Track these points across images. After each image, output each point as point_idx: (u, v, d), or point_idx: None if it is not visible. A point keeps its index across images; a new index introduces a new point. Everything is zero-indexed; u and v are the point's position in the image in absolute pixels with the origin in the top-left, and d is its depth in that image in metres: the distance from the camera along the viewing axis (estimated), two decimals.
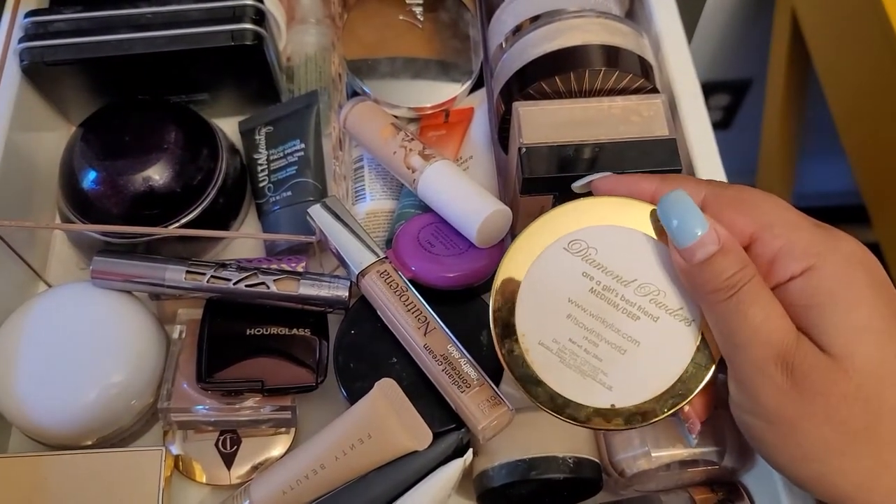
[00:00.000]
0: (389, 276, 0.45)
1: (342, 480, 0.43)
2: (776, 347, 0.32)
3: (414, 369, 0.45)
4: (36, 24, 0.51)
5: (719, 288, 0.33)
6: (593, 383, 0.36)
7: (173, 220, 0.50)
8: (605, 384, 0.36)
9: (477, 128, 0.56)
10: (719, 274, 0.33)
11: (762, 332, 0.32)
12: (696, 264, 0.33)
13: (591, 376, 0.36)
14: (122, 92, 0.54)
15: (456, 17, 0.58)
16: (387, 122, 0.52)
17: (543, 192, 0.48)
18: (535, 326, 0.37)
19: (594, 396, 0.36)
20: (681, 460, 0.42)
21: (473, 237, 0.47)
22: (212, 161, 0.52)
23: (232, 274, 0.46)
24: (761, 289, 0.33)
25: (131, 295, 0.49)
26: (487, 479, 0.43)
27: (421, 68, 0.56)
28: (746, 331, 0.32)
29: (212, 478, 0.48)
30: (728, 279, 0.33)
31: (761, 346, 0.32)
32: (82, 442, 0.47)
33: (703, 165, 0.49)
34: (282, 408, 0.47)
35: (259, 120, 0.56)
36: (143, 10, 0.52)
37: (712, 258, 0.33)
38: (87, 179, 0.50)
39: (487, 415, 0.41)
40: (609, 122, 0.49)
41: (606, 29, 0.50)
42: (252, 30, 0.51)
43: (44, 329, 0.47)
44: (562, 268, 0.37)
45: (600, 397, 0.36)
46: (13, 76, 0.51)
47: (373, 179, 0.54)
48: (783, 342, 0.32)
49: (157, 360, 0.48)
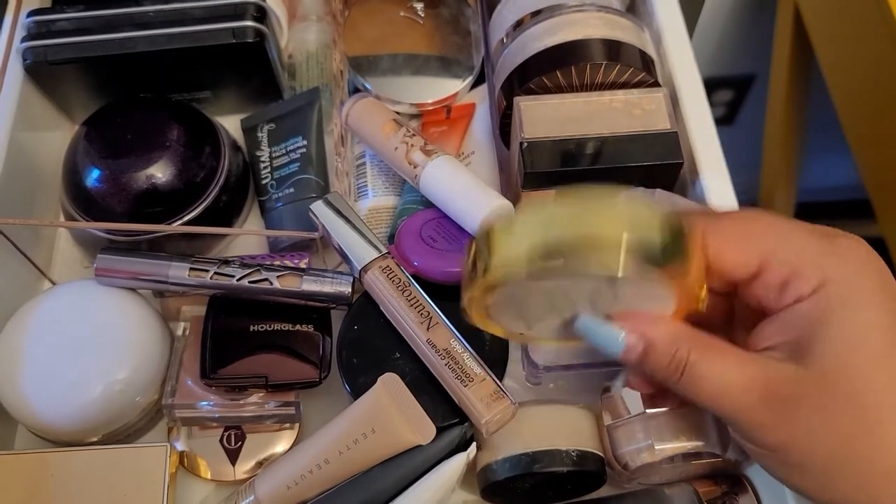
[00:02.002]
0: (392, 271, 0.46)
1: (346, 475, 0.43)
2: (744, 399, 0.33)
3: (417, 364, 0.45)
4: (38, 23, 0.52)
5: (667, 374, 0.34)
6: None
7: (176, 218, 0.51)
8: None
9: (478, 123, 0.56)
10: (658, 364, 0.34)
11: (724, 396, 0.33)
12: (637, 364, 0.34)
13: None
14: (125, 90, 0.54)
15: (457, 12, 0.58)
16: (388, 118, 0.52)
17: (545, 187, 0.48)
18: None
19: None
20: (684, 453, 0.41)
21: (476, 232, 0.47)
22: (214, 158, 0.52)
23: (235, 270, 0.47)
24: (706, 355, 0.33)
25: (135, 292, 0.49)
26: (491, 472, 0.43)
27: (422, 64, 0.56)
28: (709, 398, 0.33)
29: (217, 474, 0.48)
30: (668, 366, 0.34)
31: (730, 404, 0.33)
32: (87, 439, 0.47)
33: (705, 159, 0.49)
34: (286, 403, 0.47)
35: (261, 117, 0.57)
36: (146, 8, 0.52)
37: (645, 357, 0.34)
38: (90, 178, 0.50)
39: (491, 409, 0.41)
40: (610, 116, 0.49)
41: (607, 23, 0.50)
42: (253, 27, 0.52)
43: (48, 326, 0.47)
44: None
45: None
46: (16, 75, 0.51)
47: (375, 176, 0.54)
48: (749, 391, 0.32)
49: (162, 357, 0.48)
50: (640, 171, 0.48)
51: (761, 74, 1.11)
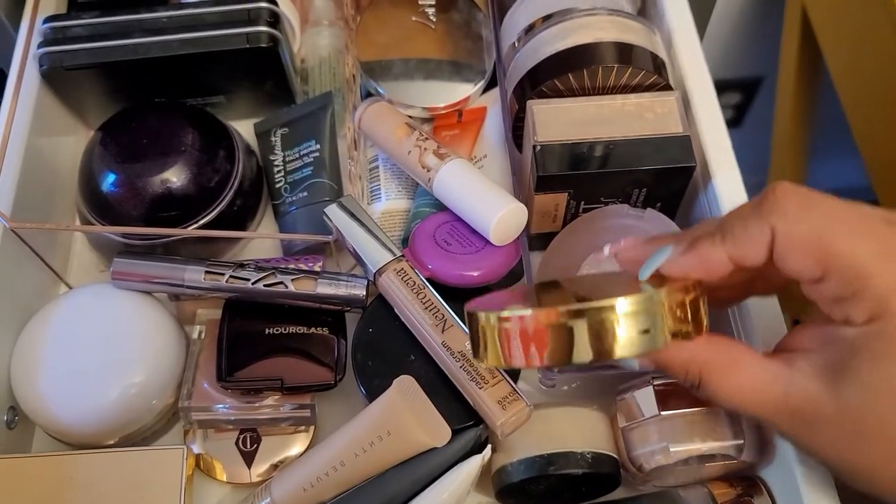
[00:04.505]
0: (406, 274, 0.46)
1: (362, 477, 0.43)
2: (760, 412, 0.33)
3: (432, 366, 0.45)
4: (54, 29, 0.52)
5: (685, 385, 0.35)
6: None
7: (192, 222, 0.51)
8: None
9: (490, 127, 0.56)
10: (675, 377, 0.35)
11: (740, 408, 0.34)
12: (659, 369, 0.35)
13: None
14: (139, 95, 0.54)
15: (468, 17, 0.58)
16: (401, 121, 0.52)
17: (558, 190, 0.48)
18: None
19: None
20: (699, 455, 0.42)
21: (489, 235, 0.47)
22: (229, 163, 0.53)
23: (250, 274, 0.47)
24: (718, 373, 0.34)
25: (151, 296, 0.49)
26: (506, 474, 0.43)
27: (434, 69, 0.57)
28: (733, 406, 0.34)
29: (232, 476, 0.48)
30: (684, 381, 0.34)
31: (756, 410, 0.33)
32: (104, 441, 0.47)
33: (716, 161, 0.49)
34: (301, 406, 0.47)
35: (274, 121, 0.57)
36: (160, 14, 0.52)
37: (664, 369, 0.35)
38: (106, 182, 0.51)
39: (506, 411, 0.41)
40: (623, 119, 0.49)
41: (618, 26, 0.50)
42: (267, 32, 0.52)
43: (66, 330, 0.47)
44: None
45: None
46: (32, 81, 0.52)
47: (388, 179, 0.55)
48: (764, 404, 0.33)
49: (178, 360, 0.48)
50: (652, 175, 0.48)
51: (769, 76, 1.11)
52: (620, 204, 0.50)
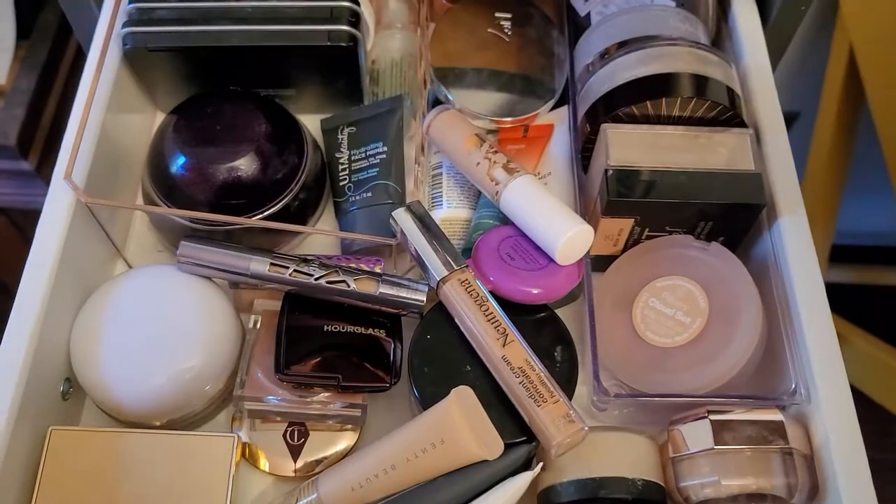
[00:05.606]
0: (470, 284, 0.46)
1: (410, 483, 0.44)
2: None
3: (487, 379, 0.45)
4: (140, 10, 0.52)
5: None
6: None
7: (258, 212, 0.51)
8: None
9: (555, 145, 0.56)
10: None
11: None
12: None
13: None
14: (213, 82, 0.55)
15: (543, 33, 0.58)
16: (471, 132, 0.53)
17: (625, 215, 0.49)
18: None
19: None
20: (749, 493, 0.42)
21: (555, 254, 0.47)
22: (297, 156, 0.53)
23: (314, 270, 0.47)
24: None
25: (212, 281, 0.50)
26: (555, 493, 0.44)
27: (506, 82, 0.57)
28: None
29: (275, 467, 0.48)
30: None
31: None
32: (152, 422, 0.48)
33: (784, 201, 0.50)
34: (352, 405, 0.47)
35: (342, 119, 0.57)
36: (244, 3, 0.53)
37: None
38: (176, 164, 0.51)
39: (563, 431, 0.42)
40: (695, 150, 0.49)
41: (698, 58, 0.50)
42: (348, 31, 0.52)
43: (127, 308, 0.48)
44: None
45: None
46: (113, 59, 0.52)
47: (451, 187, 0.55)
48: None
49: (233, 348, 0.49)
50: (720, 209, 0.48)
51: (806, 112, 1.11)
52: (685, 234, 0.50)
